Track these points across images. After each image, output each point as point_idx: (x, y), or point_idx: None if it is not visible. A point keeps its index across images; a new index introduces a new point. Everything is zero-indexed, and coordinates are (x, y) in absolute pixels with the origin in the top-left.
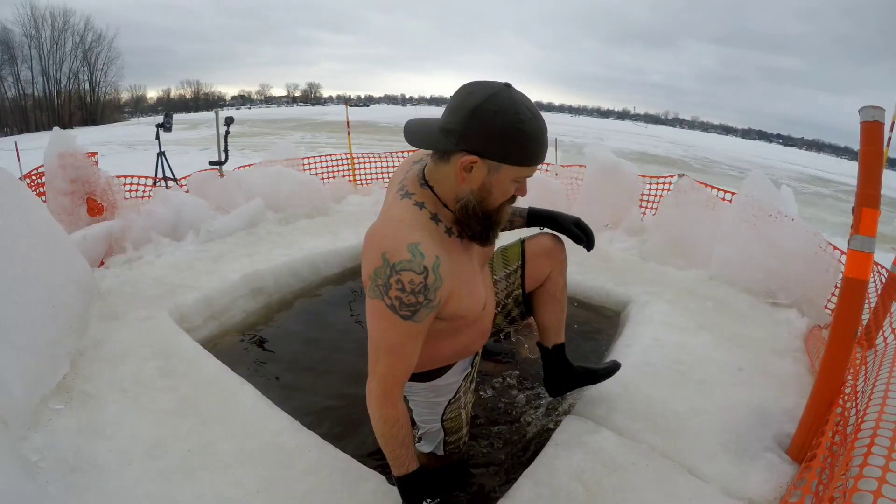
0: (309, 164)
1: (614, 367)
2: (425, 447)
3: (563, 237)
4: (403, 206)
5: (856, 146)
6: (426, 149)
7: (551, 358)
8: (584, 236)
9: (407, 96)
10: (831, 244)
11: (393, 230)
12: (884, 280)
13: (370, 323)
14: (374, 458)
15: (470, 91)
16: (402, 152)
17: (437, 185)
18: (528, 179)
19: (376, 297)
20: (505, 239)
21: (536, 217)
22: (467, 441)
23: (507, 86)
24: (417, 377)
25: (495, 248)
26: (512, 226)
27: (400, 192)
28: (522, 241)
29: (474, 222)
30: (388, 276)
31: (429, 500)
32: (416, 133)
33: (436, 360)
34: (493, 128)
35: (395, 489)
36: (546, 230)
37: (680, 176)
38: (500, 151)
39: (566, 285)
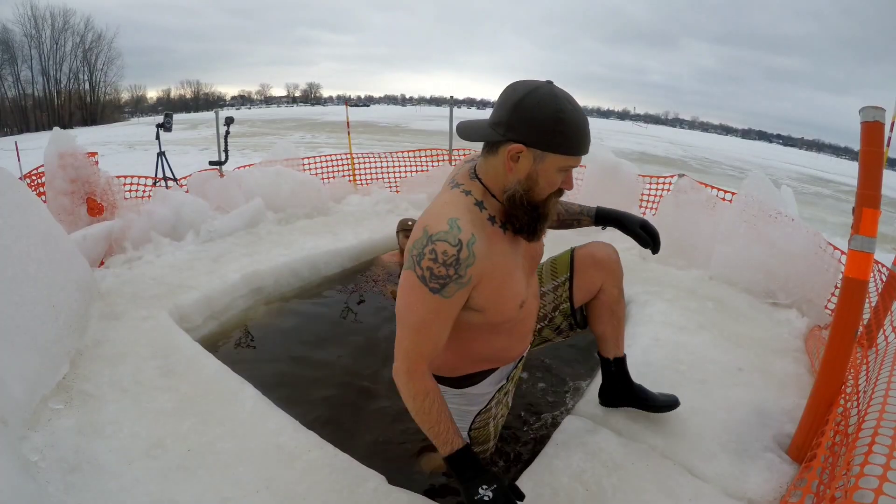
0: (309, 164)
1: (674, 403)
2: None
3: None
4: (451, 193)
5: (856, 146)
6: (476, 140)
7: (610, 370)
8: (650, 240)
9: (407, 96)
10: (831, 244)
11: (437, 210)
12: (884, 279)
13: (400, 297)
14: (374, 458)
15: (514, 87)
16: (402, 152)
17: (485, 176)
18: None
19: (409, 268)
20: (557, 248)
21: (603, 217)
22: (493, 453)
23: (549, 82)
24: (451, 382)
25: (547, 258)
26: (579, 224)
27: (450, 184)
28: (573, 251)
29: (522, 213)
30: (423, 246)
31: (484, 487)
32: (467, 129)
33: (471, 361)
34: (537, 118)
35: (395, 489)
36: (599, 237)
37: (680, 176)
38: (544, 140)
39: (622, 296)
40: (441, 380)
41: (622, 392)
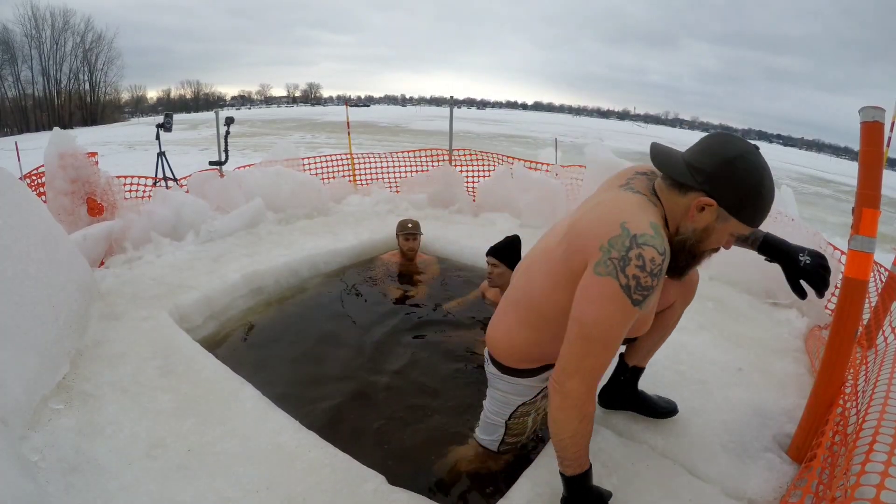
0: (309, 164)
1: (673, 410)
2: (481, 435)
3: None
4: (638, 198)
5: (856, 146)
6: (671, 175)
7: (625, 376)
8: (804, 292)
9: (407, 96)
10: (831, 244)
11: (631, 207)
12: (884, 280)
13: (590, 308)
14: (374, 458)
15: (727, 142)
16: (402, 152)
17: (664, 204)
18: (530, 180)
19: (608, 275)
20: None
21: (769, 246)
22: (525, 445)
23: (757, 148)
24: (507, 370)
25: None
26: (744, 246)
27: (627, 189)
28: None
29: (682, 258)
30: (627, 248)
31: None
32: (662, 159)
33: (543, 357)
34: (740, 184)
35: (395, 489)
36: None
37: None
38: (737, 205)
39: (680, 318)
40: (497, 364)
41: (625, 397)
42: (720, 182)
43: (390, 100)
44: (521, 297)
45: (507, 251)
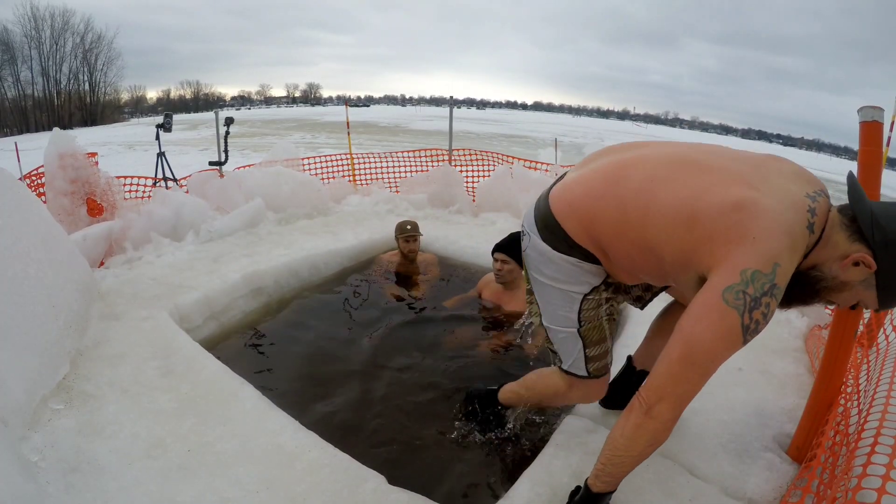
0: (309, 164)
1: None
2: (566, 362)
3: None
4: (806, 235)
5: (855, 146)
6: (853, 208)
7: (630, 378)
8: None
9: (407, 96)
10: None
11: (793, 247)
12: None
13: (705, 333)
14: (374, 458)
15: None
16: (402, 152)
17: (824, 238)
18: (530, 180)
19: (735, 308)
20: None
21: None
22: (611, 362)
23: None
24: (567, 244)
25: None
26: None
27: (810, 209)
28: None
29: (802, 292)
30: (763, 293)
31: None
32: (856, 197)
33: (602, 248)
34: None
35: (395, 489)
36: None
37: None
38: (888, 284)
39: None
40: (556, 231)
41: (626, 397)
42: (892, 253)
43: (390, 100)
44: (633, 191)
45: (516, 246)
